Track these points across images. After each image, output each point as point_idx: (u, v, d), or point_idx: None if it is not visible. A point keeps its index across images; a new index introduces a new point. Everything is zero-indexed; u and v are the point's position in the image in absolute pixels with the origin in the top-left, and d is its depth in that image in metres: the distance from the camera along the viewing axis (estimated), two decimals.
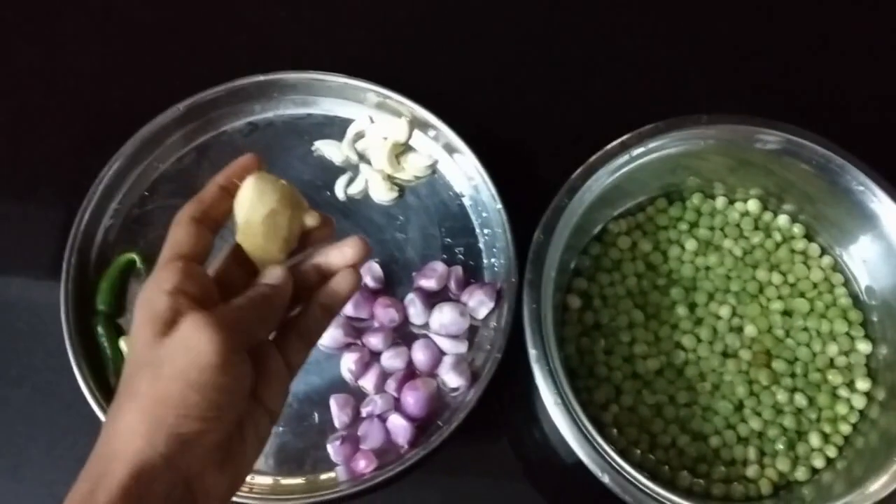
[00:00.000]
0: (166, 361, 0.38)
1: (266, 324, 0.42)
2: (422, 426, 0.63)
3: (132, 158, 0.69)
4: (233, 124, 0.73)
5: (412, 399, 0.63)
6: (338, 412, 0.63)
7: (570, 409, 0.55)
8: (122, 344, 0.65)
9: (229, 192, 0.43)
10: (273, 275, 0.43)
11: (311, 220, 0.45)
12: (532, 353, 0.57)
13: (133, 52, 0.79)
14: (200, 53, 0.78)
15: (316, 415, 0.64)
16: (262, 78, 0.72)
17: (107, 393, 0.63)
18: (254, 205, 0.43)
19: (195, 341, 0.38)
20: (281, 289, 0.43)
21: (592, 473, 0.54)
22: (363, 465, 0.61)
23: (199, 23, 0.80)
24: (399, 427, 0.62)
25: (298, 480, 0.62)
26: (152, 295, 0.39)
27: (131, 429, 0.38)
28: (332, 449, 0.62)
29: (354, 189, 0.71)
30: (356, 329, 0.66)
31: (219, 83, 0.71)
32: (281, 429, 0.63)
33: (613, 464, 0.54)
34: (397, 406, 0.63)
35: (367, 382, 0.64)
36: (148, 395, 0.38)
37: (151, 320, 0.38)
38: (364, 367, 0.65)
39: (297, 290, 0.44)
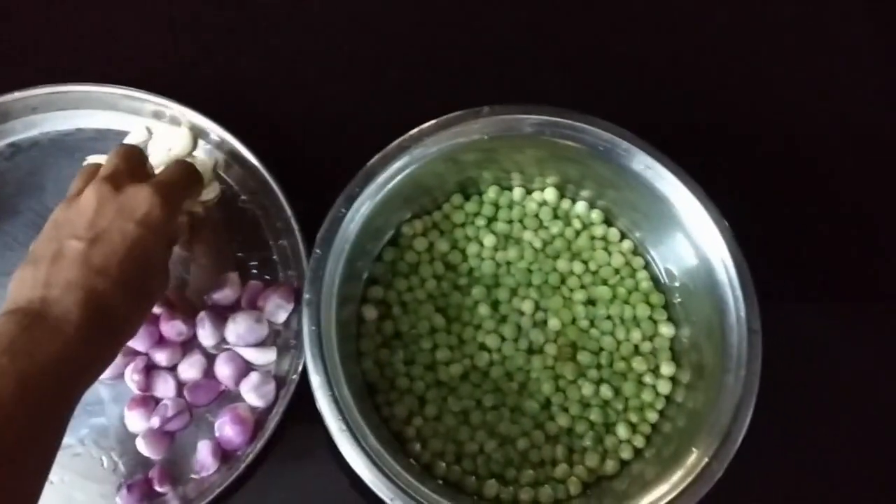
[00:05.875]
0: None
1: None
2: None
3: None
4: None
5: (232, 432, 0.59)
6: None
7: (357, 437, 0.52)
8: None
9: None
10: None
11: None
12: (314, 379, 0.53)
13: None
14: None
15: (104, 459, 0.59)
16: (18, 95, 0.65)
17: None
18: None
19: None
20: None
21: None
22: None
23: None
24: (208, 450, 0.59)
25: None
26: None
27: None
28: (121, 499, 0.58)
29: None
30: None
31: None
32: (66, 479, 0.59)
33: (405, 489, 0.52)
34: (213, 433, 0.60)
35: (160, 392, 0.61)
36: None
37: None
38: (147, 373, 0.61)
39: None
